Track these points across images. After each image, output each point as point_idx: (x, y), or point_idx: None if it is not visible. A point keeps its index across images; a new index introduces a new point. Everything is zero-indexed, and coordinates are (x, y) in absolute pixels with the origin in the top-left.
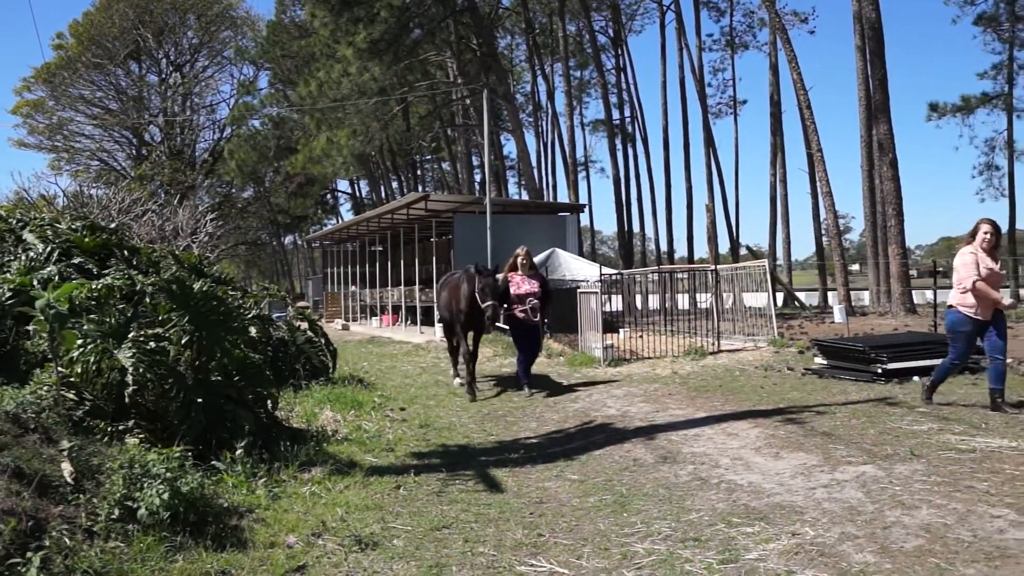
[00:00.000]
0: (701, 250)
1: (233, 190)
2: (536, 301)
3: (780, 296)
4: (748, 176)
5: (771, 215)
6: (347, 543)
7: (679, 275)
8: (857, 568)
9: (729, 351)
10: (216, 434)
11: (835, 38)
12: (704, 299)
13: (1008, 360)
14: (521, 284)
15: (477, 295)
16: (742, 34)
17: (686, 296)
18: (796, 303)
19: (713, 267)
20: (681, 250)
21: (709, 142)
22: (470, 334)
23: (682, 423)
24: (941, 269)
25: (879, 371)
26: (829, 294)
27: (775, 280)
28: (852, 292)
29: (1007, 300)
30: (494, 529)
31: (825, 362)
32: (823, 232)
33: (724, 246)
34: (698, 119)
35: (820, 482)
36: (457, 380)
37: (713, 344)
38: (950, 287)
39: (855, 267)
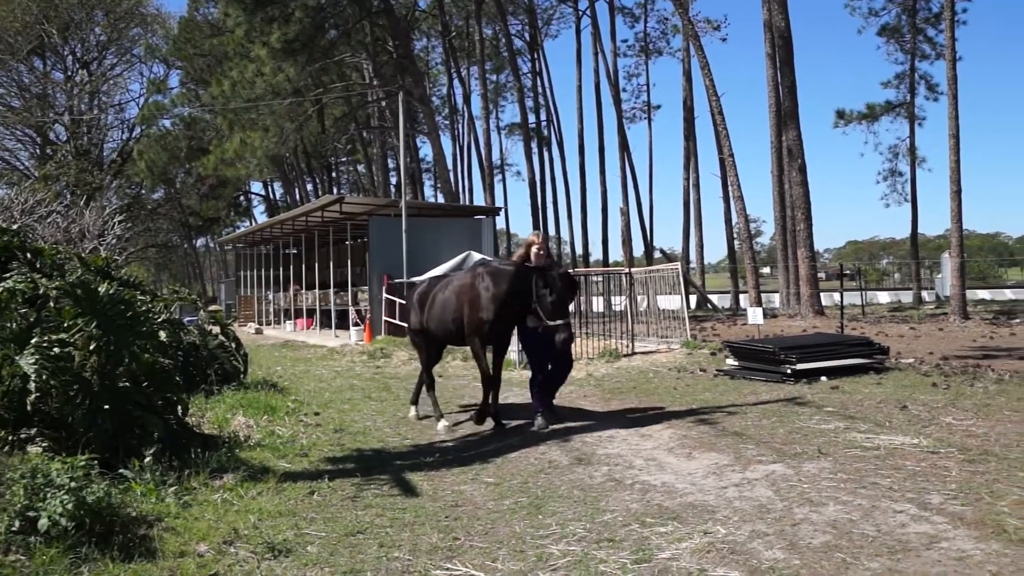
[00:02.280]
0: (616, 253)
1: (143, 191)
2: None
3: (693, 299)
4: (662, 180)
5: (684, 219)
6: (260, 550)
7: (594, 278)
8: (767, 565)
9: (643, 353)
10: (124, 441)
11: (747, 46)
12: (619, 302)
13: (910, 360)
14: None
15: (538, 304)
16: (656, 40)
17: (601, 299)
18: (709, 305)
19: (627, 270)
20: (596, 253)
21: (624, 146)
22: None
23: (597, 425)
24: (848, 272)
25: (788, 372)
26: (741, 296)
27: (688, 283)
28: (763, 294)
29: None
30: (409, 533)
31: (736, 363)
32: (735, 235)
33: (638, 249)
34: (613, 123)
35: (731, 481)
36: (443, 422)
37: (627, 346)
38: (857, 289)
39: (766, 270)
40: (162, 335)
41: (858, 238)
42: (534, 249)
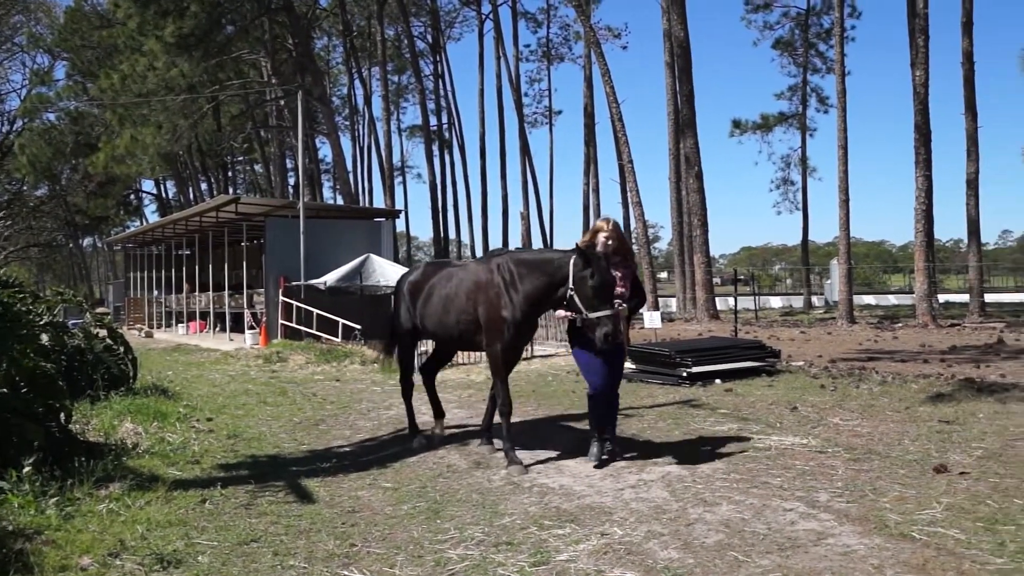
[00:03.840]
0: None
1: (25, 188)
2: (623, 303)
3: None
4: (563, 185)
5: (584, 224)
6: (148, 562)
7: None
8: (662, 564)
9: (543, 357)
10: (0, 451)
11: (647, 55)
12: None
13: (800, 363)
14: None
15: (575, 291)
16: (558, 46)
17: None
18: None
19: None
20: None
21: (525, 150)
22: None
23: (496, 428)
24: (743, 277)
25: (684, 375)
26: None
27: None
28: (660, 298)
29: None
30: (305, 541)
31: (634, 367)
32: (633, 241)
33: None
34: (514, 128)
35: (628, 483)
36: (418, 439)
37: (527, 350)
38: (750, 294)
39: (664, 274)
40: (44, 338)
41: (752, 244)
42: (601, 237)
